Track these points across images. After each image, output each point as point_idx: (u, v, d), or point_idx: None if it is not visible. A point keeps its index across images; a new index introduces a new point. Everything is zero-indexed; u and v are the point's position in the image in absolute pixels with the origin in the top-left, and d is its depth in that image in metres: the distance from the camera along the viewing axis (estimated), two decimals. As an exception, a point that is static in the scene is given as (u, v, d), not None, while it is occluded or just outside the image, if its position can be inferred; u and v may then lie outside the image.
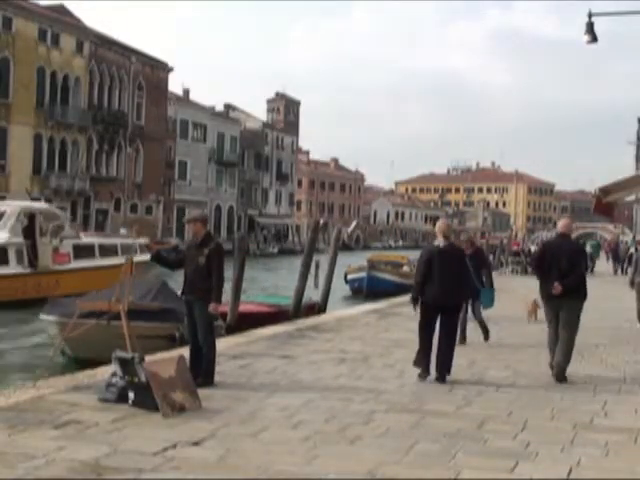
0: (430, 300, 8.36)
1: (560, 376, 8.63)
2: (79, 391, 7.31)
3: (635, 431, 6.35)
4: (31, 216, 23.70)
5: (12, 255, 22.55)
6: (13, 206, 24.79)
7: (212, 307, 7.84)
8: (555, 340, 8.81)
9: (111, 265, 23.85)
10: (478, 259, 11.77)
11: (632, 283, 14.78)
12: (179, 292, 8.87)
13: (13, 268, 22.62)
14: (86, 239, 27.21)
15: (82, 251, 25.53)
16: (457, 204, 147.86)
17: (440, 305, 8.41)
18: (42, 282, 22.55)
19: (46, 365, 11.54)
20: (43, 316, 12.72)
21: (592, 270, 34.83)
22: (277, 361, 9.48)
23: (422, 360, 8.51)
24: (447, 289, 8.30)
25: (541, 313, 13.24)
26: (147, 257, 33.03)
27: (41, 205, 28.32)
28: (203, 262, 7.82)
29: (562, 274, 8.56)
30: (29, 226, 23.35)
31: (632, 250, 30.11)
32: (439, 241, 8.58)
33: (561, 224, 9.30)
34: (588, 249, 38.44)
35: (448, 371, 8.47)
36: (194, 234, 8.16)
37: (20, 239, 22.84)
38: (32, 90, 49.02)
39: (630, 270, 16.13)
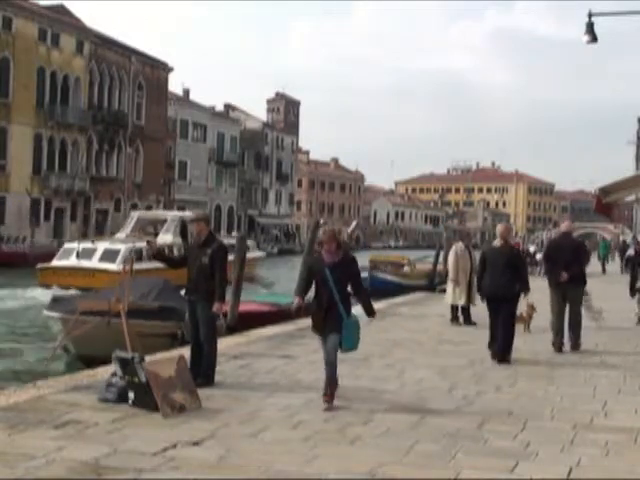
0: (486, 293, 9.84)
1: (575, 346, 10.79)
2: (79, 391, 7.30)
3: (635, 431, 6.35)
4: (184, 222, 30.35)
5: (176, 252, 27.35)
6: (172, 215, 33.48)
7: (216, 307, 7.83)
8: (560, 322, 10.72)
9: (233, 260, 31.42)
10: (345, 270, 7.17)
11: (632, 290, 14.49)
12: (182, 291, 8.89)
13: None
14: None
15: None
16: (457, 204, 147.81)
17: (494, 297, 9.72)
18: None
19: (47, 362, 11.56)
20: (46, 312, 12.75)
21: (604, 271, 34.79)
22: (277, 361, 9.47)
23: (490, 344, 10.04)
24: (497, 283, 9.63)
25: (535, 320, 13.21)
26: (261, 254, 38.65)
27: (190, 214, 35.86)
28: (206, 262, 7.81)
29: (567, 265, 10.54)
30: (183, 230, 30.15)
31: (630, 252, 29.13)
32: (497, 242, 10.12)
33: (564, 225, 11.69)
34: (601, 250, 38.47)
35: (505, 353, 9.71)
36: (197, 234, 8.16)
37: (179, 240, 28.71)
38: (32, 90, 49.01)
39: (628, 273, 15.81)
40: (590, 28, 16.85)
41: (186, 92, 72.56)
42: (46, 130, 50.01)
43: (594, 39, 17.01)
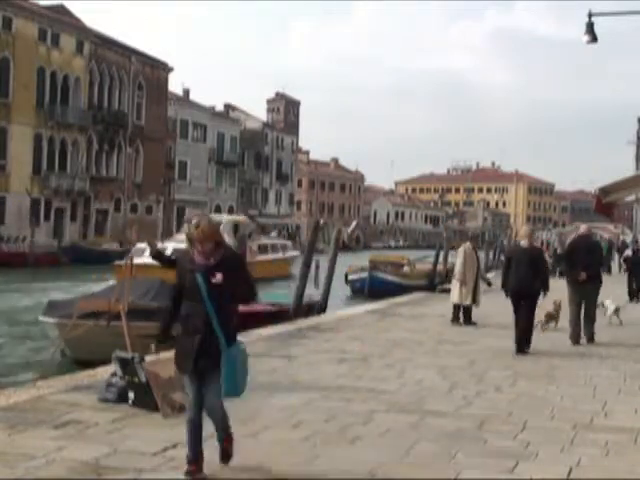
0: (510, 289, 10.65)
1: (590, 339, 11.63)
2: (79, 391, 7.30)
3: (635, 431, 6.35)
4: (236, 225, 35.00)
5: None
6: (227, 218, 38.35)
7: None
8: (577, 317, 11.60)
9: (276, 258, 39.39)
10: (227, 275, 4.81)
11: (630, 294, 14.54)
12: None
13: None
14: (263, 241, 41.84)
15: (262, 249, 39.21)
16: (457, 204, 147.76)
17: (517, 293, 10.55)
18: None
19: (46, 365, 11.55)
20: (42, 318, 12.65)
21: (610, 271, 34.34)
22: (277, 361, 9.47)
23: (515, 336, 10.57)
24: (521, 280, 10.44)
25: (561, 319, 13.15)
26: (296, 252, 42.67)
27: (242, 218, 43.25)
28: None
29: (585, 265, 11.46)
30: (235, 232, 33.71)
31: (629, 252, 28.69)
32: (523, 242, 10.95)
33: (582, 228, 12.82)
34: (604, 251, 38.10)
35: (527, 344, 10.54)
36: None
37: (233, 240, 31.55)
38: (32, 90, 49.01)
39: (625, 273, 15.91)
40: (590, 28, 16.84)
41: (186, 92, 72.53)
42: (46, 130, 50.01)
43: (594, 39, 17.00)
